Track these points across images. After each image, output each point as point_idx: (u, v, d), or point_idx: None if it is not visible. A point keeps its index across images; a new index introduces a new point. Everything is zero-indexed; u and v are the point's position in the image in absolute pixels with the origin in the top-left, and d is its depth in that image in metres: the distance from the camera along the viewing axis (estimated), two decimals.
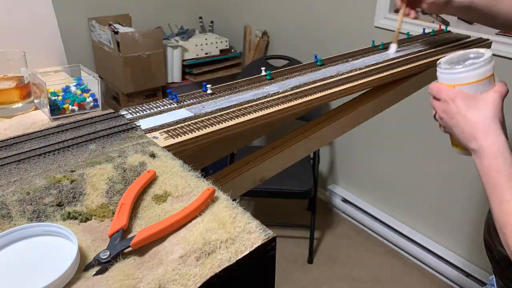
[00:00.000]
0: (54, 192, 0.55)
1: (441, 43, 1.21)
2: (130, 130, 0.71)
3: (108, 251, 0.46)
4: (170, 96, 0.83)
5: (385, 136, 2.28)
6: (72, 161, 0.62)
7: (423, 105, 2.02)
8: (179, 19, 2.85)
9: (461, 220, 2.07)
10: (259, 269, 0.49)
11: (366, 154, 2.42)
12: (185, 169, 0.60)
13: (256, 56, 2.75)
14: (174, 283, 0.43)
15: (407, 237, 2.28)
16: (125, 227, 0.50)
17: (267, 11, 2.69)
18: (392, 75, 1.00)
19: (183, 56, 2.57)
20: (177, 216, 0.50)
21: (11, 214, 0.52)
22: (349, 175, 2.58)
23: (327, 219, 2.60)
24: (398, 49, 1.15)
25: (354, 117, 0.98)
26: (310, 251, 2.34)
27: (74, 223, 0.52)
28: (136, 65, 2.34)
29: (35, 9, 1.01)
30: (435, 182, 2.12)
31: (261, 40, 2.72)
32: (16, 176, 0.59)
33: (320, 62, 1.04)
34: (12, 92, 0.82)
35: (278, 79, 0.95)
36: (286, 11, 2.56)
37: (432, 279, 2.17)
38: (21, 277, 0.44)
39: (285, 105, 0.82)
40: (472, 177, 1.94)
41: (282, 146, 0.86)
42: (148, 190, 0.57)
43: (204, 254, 0.46)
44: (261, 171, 0.83)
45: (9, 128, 0.73)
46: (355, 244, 2.42)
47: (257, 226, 0.49)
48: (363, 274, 2.24)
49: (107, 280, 0.43)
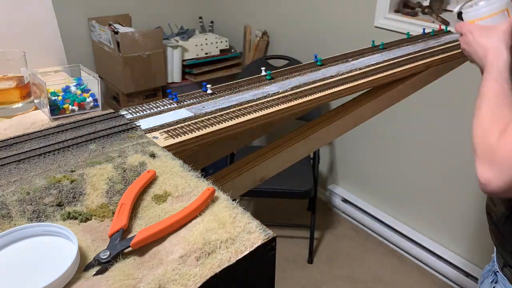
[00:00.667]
0: (54, 192, 0.55)
1: (441, 43, 1.21)
2: (130, 130, 0.71)
3: (108, 251, 0.46)
4: (170, 96, 0.83)
5: (385, 136, 2.28)
6: (72, 161, 0.62)
7: (423, 105, 2.02)
8: (179, 19, 2.85)
9: (461, 220, 2.07)
10: (259, 269, 0.49)
11: (366, 154, 2.42)
12: (185, 169, 0.60)
13: (256, 56, 2.75)
14: (174, 283, 0.43)
15: (407, 237, 2.28)
16: (125, 227, 0.50)
17: (267, 11, 2.69)
18: (392, 75, 1.00)
19: (183, 56, 2.57)
20: (177, 216, 0.50)
21: (11, 214, 0.52)
22: (349, 175, 2.58)
23: (327, 219, 2.60)
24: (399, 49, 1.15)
25: (354, 117, 0.98)
26: (310, 251, 2.34)
27: (74, 223, 0.52)
28: (136, 65, 2.34)
29: (35, 9, 1.01)
30: (435, 182, 2.12)
31: (261, 40, 2.72)
32: (16, 176, 0.59)
33: (320, 62, 1.04)
34: (12, 92, 0.82)
35: (278, 79, 0.95)
36: (286, 11, 2.56)
37: (432, 279, 2.17)
38: (21, 277, 0.44)
39: (285, 105, 0.82)
40: (472, 177, 1.94)
41: (282, 146, 0.86)
42: (148, 190, 0.57)
43: (204, 254, 0.46)
44: (261, 171, 0.83)
45: (9, 128, 0.73)
46: (355, 244, 2.42)
47: (257, 226, 0.49)
48: (363, 274, 2.24)
49: (107, 280, 0.43)
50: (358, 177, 2.53)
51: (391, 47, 1.18)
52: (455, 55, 1.14)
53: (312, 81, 0.93)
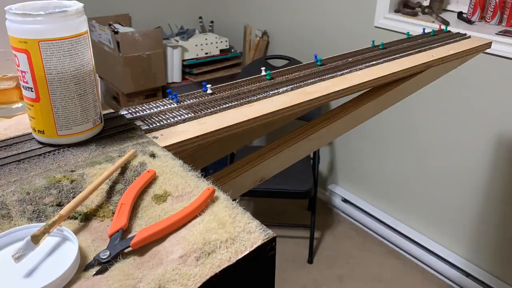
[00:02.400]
0: (54, 192, 0.55)
1: (441, 43, 1.21)
2: (130, 130, 0.71)
3: (108, 251, 0.46)
4: (170, 96, 0.83)
5: (385, 136, 2.28)
6: (72, 161, 0.62)
7: (423, 105, 2.03)
8: (179, 19, 2.85)
9: (461, 220, 2.07)
10: (259, 269, 0.49)
11: (366, 154, 2.42)
12: (185, 169, 0.60)
13: (256, 56, 2.75)
14: (174, 283, 0.43)
15: (407, 237, 2.28)
16: (125, 227, 0.50)
17: (267, 11, 2.69)
18: (392, 75, 1.00)
19: (183, 56, 2.57)
20: (177, 216, 0.50)
21: (11, 214, 0.52)
22: (349, 175, 2.58)
23: (327, 219, 2.60)
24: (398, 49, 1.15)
25: (354, 117, 0.98)
26: (310, 251, 2.34)
27: (74, 223, 0.52)
28: (136, 65, 2.34)
29: None
30: (435, 182, 2.12)
31: (261, 40, 2.72)
32: (16, 176, 0.59)
33: (320, 62, 1.04)
34: (12, 92, 0.82)
35: (278, 79, 0.95)
36: (286, 11, 2.56)
37: (432, 279, 2.17)
38: (21, 277, 0.44)
39: (285, 105, 0.82)
40: (472, 177, 1.94)
41: (282, 146, 0.86)
42: (148, 190, 0.57)
43: (204, 254, 0.46)
44: (261, 171, 0.83)
45: (9, 128, 0.73)
46: (355, 244, 2.42)
47: (257, 226, 0.49)
48: (363, 274, 2.24)
49: (107, 280, 0.43)
50: (358, 177, 2.53)
51: (391, 47, 1.18)
52: (455, 55, 1.14)
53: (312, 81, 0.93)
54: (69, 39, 0.62)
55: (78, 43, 0.63)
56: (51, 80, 0.62)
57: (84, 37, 0.64)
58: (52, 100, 0.63)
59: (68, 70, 0.63)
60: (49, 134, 0.66)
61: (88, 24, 0.66)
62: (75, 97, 0.65)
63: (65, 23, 0.61)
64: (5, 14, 0.61)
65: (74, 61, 0.63)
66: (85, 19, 0.65)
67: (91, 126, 0.68)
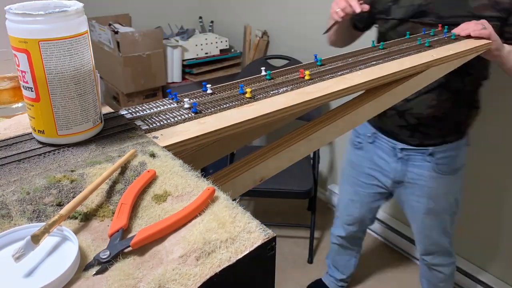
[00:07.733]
0: (54, 192, 0.55)
1: (441, 43, 1.21)
2: (130, 130, 0.71)
3: (108, 251, 0.46)
4: (170, 96, 0.83)
5: None
6: (72, 161, 0.62)
7: None
8: (179, 19, 2.85)
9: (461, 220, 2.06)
10: (259, 269, 0.49)
11: None
12: (185, 169, 0.60)
13: (256, 56, 2.75)
14: (174, 283, 0.43)
15: (407, 238, 2.28)
16: (125, 227, 0.50)
17: (267, 11, 2.69)
18: (392, 75, 1.00)
19: (183, 56, 2.57)
20: (177, 216, 0.50)
21: (11, 214, 0.52)
22: None
23: (327, 219, 2.60)
24: (398, 49, 1.15)
25: (354, 117, 0.98)
26: (310, 251, 2.35)
27: (74, 223, 0.52)
28: (136, 65, 2.35)
29: None
30: None
31: (261, 40, 2.72)
32: (16, 176, 0.59)
33: (320, 62, 1.04)
34: (12, 92, 0.82)
35: (278, 79, 0.95)
36: (286, 11, 2.56)
37: None
38: (21, 276, 0.44)
39: (285, 105, 0.82)
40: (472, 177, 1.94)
41: (282, 146, 0.86)
42: (148, 190, 0.57)
43: (204, 254, 0.46)
44: (261, 171, 0.83)
45: (9, 128, 0.73)
46: None
47: (257, 225, 0.49)
48: (363, 274, 2.24)
49: (107, 279, 0.43)
50: None
51: (391, 47, 1.18)
52: (455, 55, 1.14)
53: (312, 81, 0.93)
54: (69, 39, 0.62)
55: (78, 43, 0.63)
56: (51, 80, 0.62)
57: (84, 37, 0.64)
58: (52, 100, 0.63)
59: (68, 70, 0.63)
60: (49, 134, 0.66)
61: (88, 24, 0.66)
62: (75, 97, 0.65)
63: (65, 23, 0.61)
64: (5, 14, 0.61)
65: (74, 61, 0.63)
66: (85, 19, 0.65)
67: (91, 126, 0.68)
